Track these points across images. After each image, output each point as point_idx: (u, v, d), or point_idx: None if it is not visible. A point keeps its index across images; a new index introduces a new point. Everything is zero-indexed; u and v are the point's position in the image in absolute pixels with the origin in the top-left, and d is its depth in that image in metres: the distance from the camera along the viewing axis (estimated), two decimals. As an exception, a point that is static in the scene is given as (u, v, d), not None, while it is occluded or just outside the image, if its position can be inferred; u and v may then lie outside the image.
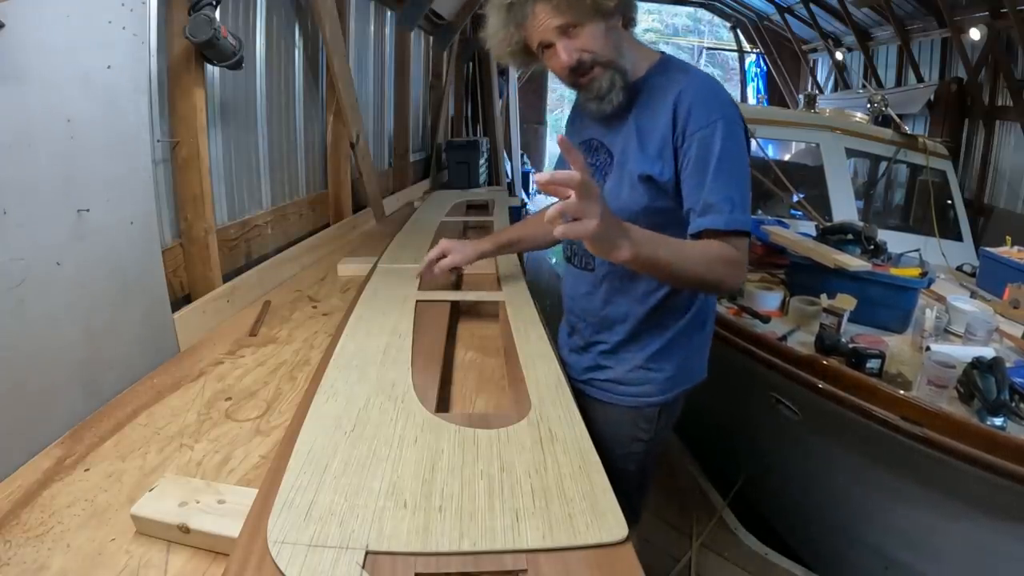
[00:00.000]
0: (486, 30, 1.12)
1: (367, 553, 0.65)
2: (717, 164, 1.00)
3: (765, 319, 2.06)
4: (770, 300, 2.19)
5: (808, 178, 3.15)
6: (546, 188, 0.79)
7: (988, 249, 2.62)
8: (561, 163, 1.22)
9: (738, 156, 1.02)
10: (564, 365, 1.29)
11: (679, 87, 1.04)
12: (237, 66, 1.64)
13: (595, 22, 1.01)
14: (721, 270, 0.99)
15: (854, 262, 2.06)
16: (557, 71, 1.08)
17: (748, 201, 1.03)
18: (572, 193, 0.78)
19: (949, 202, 3.26)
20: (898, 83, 6.76)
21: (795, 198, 2.97)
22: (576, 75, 1.06)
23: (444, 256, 1.45)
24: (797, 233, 2.51)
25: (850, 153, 3.19)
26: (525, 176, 8.63)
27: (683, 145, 1.03)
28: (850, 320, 1.95)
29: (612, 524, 0.71)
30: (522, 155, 8.75)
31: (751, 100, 10.63)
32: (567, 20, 1.00)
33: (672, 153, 1.05)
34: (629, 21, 1.10)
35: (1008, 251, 2.55)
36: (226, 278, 1.74)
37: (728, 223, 0.99)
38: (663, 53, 1.15)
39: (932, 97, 5.79)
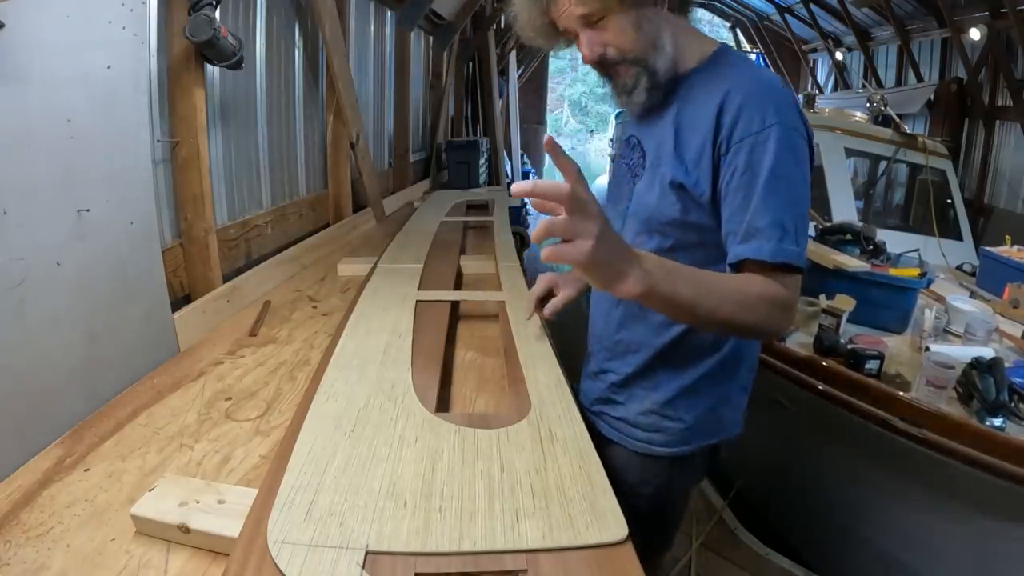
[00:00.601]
0: (511, 8, 0.99)
1: (367, 553, 0.65)
2: (768, 180, 0.82)
3: (765, 319, 2.06)
4: (770, 300, 2.19)
5: (808, 178, 3.15)
6: (538, 206, 0.65)
7: (988, 248, 2.62)
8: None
9: (795, 172, 0.83)
10: (578, 393, 1.19)
11: (728, 84, 0.86)
12: (237, 66, 1.65)
13: (624, 12, 0.86)
14: (762, 312, 0.80)
15: (853, 263, 2.06)
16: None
17: (805, 230, 0.84)
18: (562, 208, 0.64)
19: (949, 202, 3.26)
20: (898, 83, 6.77)
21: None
22: (601, 68, 0.94)
23: (551, 292, 1.19)
24: (797, 233, 2.51)
25: (850, 153, 3.19)
26: (525, 176, 8.64)
27: (727, 153, 0.85)
28: (849, 320, 1.95)
29: (612, 524, 0.71)
30: (522, 155, 8.76)
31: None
32: (590, 10, 0.87)
33: (711, 162, 0.87)
34: (681, 5, 0.92)
35: (1008, 250, 2.55)
36: (226, 278, 1.74)
37: (775, 254, 0.80)
38: (722, 44, 0.96)
39: (932, 97, 5.80)
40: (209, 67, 1.65)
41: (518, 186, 0.64)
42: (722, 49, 0.95)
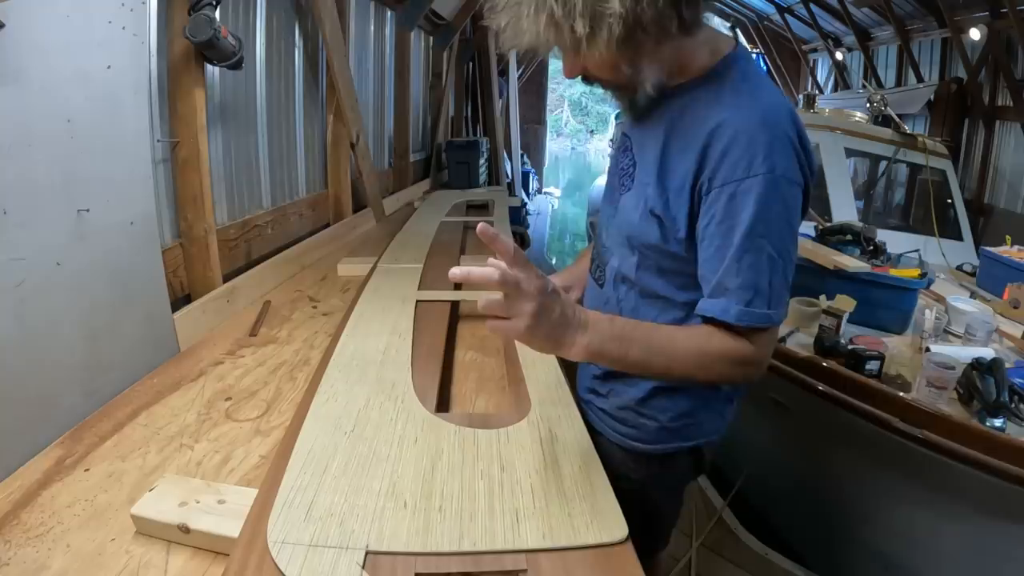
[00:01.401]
0: (497, 18, 0.84)
1: (367, 553, 0.65)
2: (745, 237, 0.76)
3: (765, 319, 2.05)
4: (770, 300, 2.19)
5: (808, 178, 3.14)
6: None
7: (988, 249, 2.61)
8: (606, 195, 1.04)
9: (778, 227, 0.77)
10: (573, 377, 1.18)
11: (723, 114, 0.78)
12: (237, 66, 1.65)
13: (600, 51, 0.77)
14: (720, 370, 0.80)
15: (853, 263, 2.06)
16: None
17: (782, 287, 0.80)
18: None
19: (949, 202, 3.26)
20: (898, 83, 6.76)
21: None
22: (584, 81, 0.91)
23: None
24: (797, 233, 2.51)
25: (850, 153, 3.18)
26: (525, 176, 8.63)
27: (708, 194, 0.79)
28: (849, 321, 1.95)
29: (612, 524, 0.71)
30: (522, 155, 8.75)
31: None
32: (567, 46, 0.80)
33: (690, 199, 0.82)
34: (679, 31, 0.77)
35: (1008, 250, 2.55)
36: (226, 278, 1.74)
37: (740, 317, 0.77)
38: (734, 49, 0.85)
39: (932, 97, 5.79)
40: (209, 67, 1.65)
41: (454, 272, 0.70)
42: (730, 59, 0.84)
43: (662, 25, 0.75)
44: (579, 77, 0.87)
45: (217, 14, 1.51)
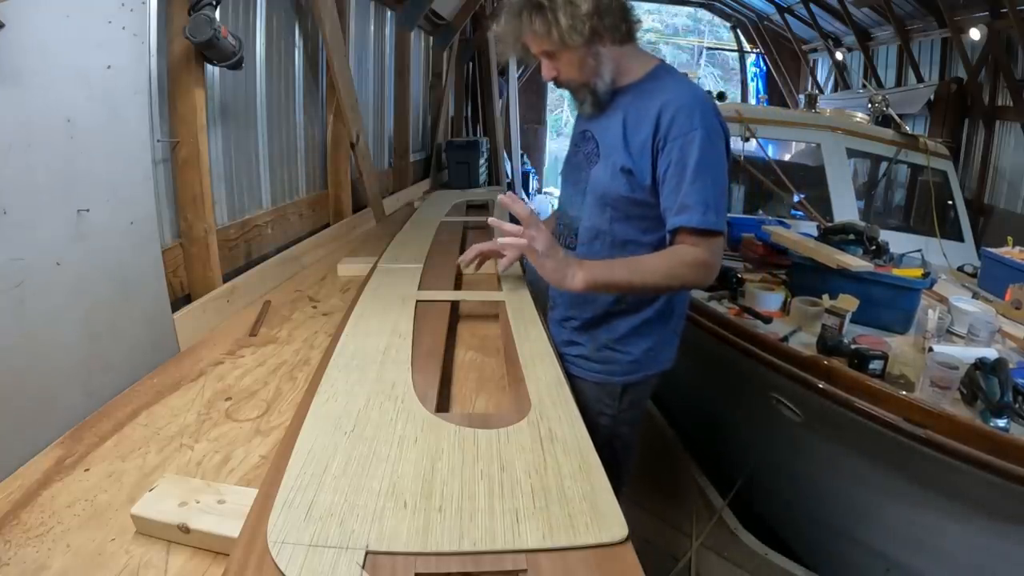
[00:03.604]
0: (495, 31, 1.24)
1: (367, 553, 0.65)
2: (695, 169, 1.08)
3: (767, 320, 2.05)
4: (772, 301, 2.19)
5: (809, 178, 3.15)
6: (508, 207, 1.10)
7: (989, 250, 2.61)
8: (567, 161, 1.36)
9: (716, 164, 1.10)
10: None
11: (666, 95, 1.13)
12: (237, 66, 1.64)
13: (571, 51, 1.12)
14: (686, 273, 1.11)
15: (856, 262, 2.06)
16: None
17: (723, 206, 1.11)
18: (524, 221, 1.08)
19: (950, 202, 3.25)
20: (898, 83, 6.75)
21: (796, 198, 2.96)
22: (556, 84, 1.23)
23: (498, 253, 1.45)
24: (799, 233, 2.51)
25: (851, 153, 3.18)
26: (525, 176, 8.62)
27: (664, 148, 1.11)
28: (852, 321, 1.95)
29: (612, 524, 0.71)
30: (522, 155, 8.75)
31: (751, 100, 10.62)
32: (546, 48, 1.15)
33: (651, 154, 1.14)
34: (624, 37, 1.16)
35: (1010, 251, 2.54)
36: (226, 278, 1.74)
37: (701, 223, 1.08)
38: (661, 62, 1.24)
39: (932, 97, 5.78)
40: (209, 67, 1.65)
41: (502, 198, 1.09)
42: (661, 67, 1.22)
43: (613, 33, 1.13)
44: (552, 81, 1.19)
45: (217, 14, 1.51)
